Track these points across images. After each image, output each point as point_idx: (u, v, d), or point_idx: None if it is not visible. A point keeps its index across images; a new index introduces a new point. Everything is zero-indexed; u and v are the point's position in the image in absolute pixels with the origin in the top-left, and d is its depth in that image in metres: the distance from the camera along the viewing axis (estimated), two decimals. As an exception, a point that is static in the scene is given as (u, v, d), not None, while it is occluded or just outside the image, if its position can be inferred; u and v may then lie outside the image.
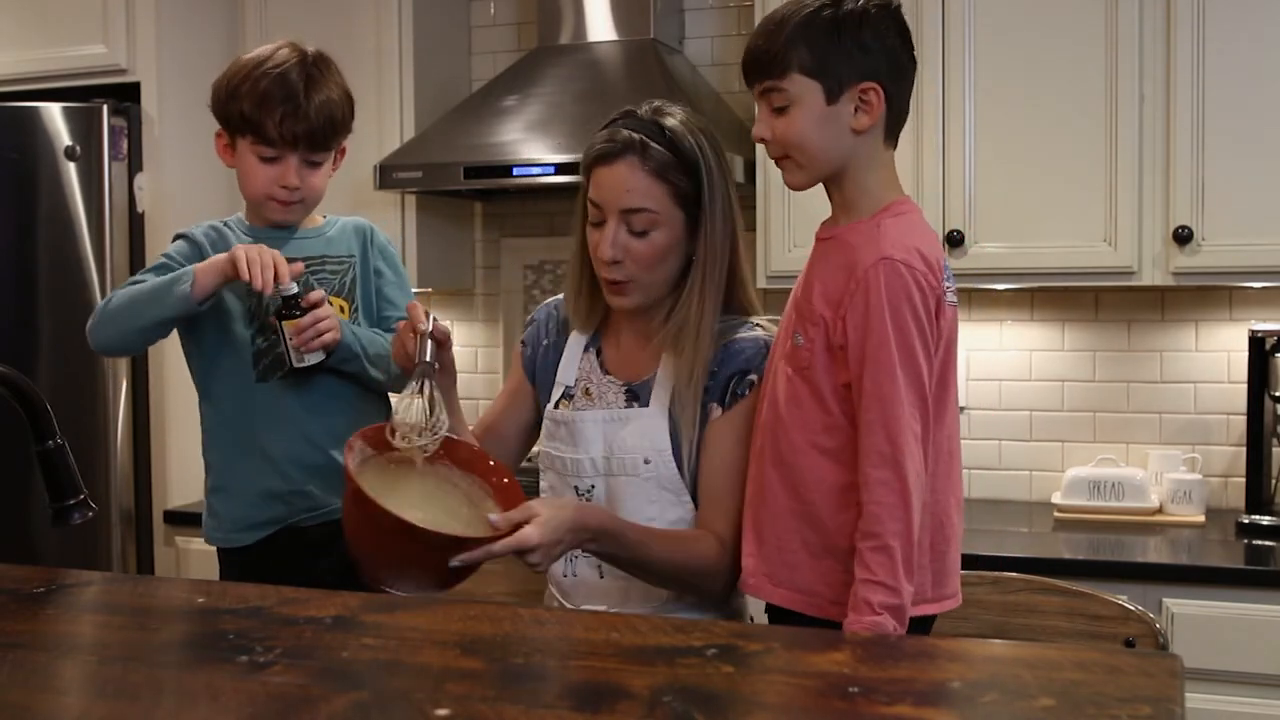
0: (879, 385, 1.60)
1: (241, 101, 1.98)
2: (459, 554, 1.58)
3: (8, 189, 3.21)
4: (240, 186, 2.06)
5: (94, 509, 1.64)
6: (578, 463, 1.86)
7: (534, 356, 1.99)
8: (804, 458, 1.68)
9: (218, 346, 2.02)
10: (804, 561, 1.68)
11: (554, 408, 1.92)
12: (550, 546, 1.65)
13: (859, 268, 1.63)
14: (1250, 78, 2.69)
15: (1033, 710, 1.04)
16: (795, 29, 1.65)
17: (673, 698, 1.07)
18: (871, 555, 1.58)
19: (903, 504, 1.58)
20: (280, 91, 1.97)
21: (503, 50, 3.65)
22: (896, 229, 1.65)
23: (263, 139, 1.98)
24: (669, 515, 1.83)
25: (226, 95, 2.01)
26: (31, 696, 1.15)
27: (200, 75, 3.41)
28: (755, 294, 1.91)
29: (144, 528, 3.27)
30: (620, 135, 1.80)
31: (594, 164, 1.83)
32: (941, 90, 2.88)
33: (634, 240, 1.79)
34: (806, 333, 1.68)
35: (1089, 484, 2.97)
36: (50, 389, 3.08)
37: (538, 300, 3.62)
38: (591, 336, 1.95)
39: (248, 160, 2.02)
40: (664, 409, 1.84)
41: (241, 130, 2.00)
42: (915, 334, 1.60)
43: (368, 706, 1.08)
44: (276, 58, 2.00)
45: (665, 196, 1.78)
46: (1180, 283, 2.80)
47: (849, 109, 1.66)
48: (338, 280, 2.07)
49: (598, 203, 1.81)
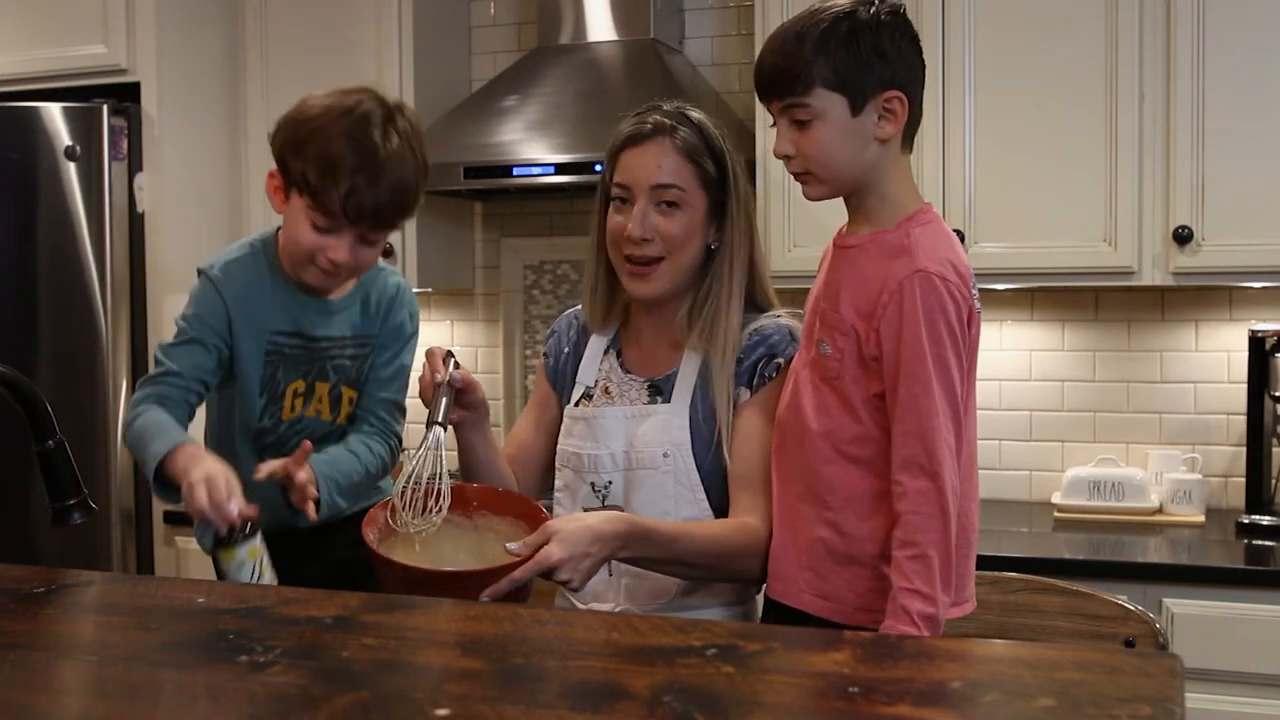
0: (915, 397, 1.61)
1: (306, 162, 1.76)
2: (485, 589, 1.60)
3: (8, 189, 3.21)
4: (283, 238, 1.88)
5: (94, 509, 1.64)
6: (596, 459, 1.87)
7: (555, 365, 2.01)
8: (831, 466, 1.69)
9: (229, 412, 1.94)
10: (829, 568, 1.69)
11: (573, 406, 1.94)
12: (577, 560, 1.64)
13: (892, 279, 1.63)
14: (1250, 78, 2.69)
15: (1033, 710, 1.04)
16: (815, 43, 1.63)
17: (673, 698, 1.07)
18: (910, 564, 1.59)
19: (940, 514, 1.59)
20: (351, 161, 1.74)
21: (503, 50, 3.65)
22: (927, 239, 1.66)
23: (321, 209, 1.78)
24: (683, 511, 1.83)
25: (291, 147, 1.78)
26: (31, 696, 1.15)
27: (200, 75, 3.45)
28: (773, 292, 1.94)
29: (144, 528, 3.27)
30: (650, 118, 1.86)
31: (624, 146, 1.86)
32: (941, 90, 2.88)
33: (662, 219, 1.83)
34: (835, 342, 1.68)
35: (1089, 484, 2.97)
36: (50, 389, 3.08)
37: (538, 300, 3.63)
38: (611, 339, 1.96)
39: (300, 219, 1.80)
40: (685, 405, 1.86)
41: (299, 189, 1.78)
42: (949, 346, 1.62)
43: (368, 706, 1.08)
44: (357, 114, 1.77)
45: (693, 177, 1.84)
46: (1180, 283, 2.80)
47: (873, 119, 1.66)
48: (351, 369, 1.95)
49: (626, 183, 1.85)
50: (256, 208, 3.46)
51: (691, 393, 1.86)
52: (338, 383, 1.95)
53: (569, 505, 1.92)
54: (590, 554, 1.66)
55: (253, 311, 1.88)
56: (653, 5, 3.27)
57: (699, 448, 1.84)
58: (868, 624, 1.65)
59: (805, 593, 1.71)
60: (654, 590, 1.84)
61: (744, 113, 3.30)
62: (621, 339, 1.96)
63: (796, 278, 1.95)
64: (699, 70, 3.44)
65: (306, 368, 1.92)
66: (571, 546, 1.64)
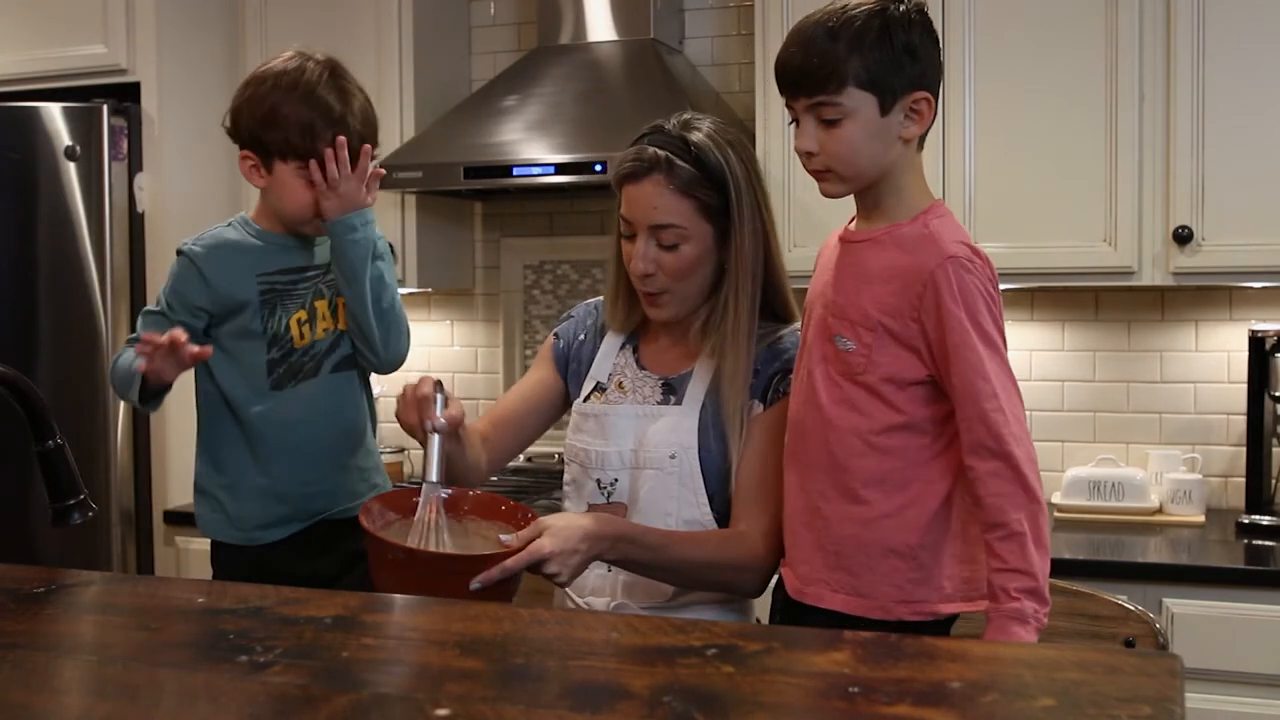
0: (969, 383, 1.61)
1: (284, 130, 1.92)
2: (476, 575, 1.64)
3: (8, 189, 3.21)
4: (274, 205, 2.01)
5: (94, 509, 1.64)
6: (604, 455, 1.88)
7: (566, 349, 2.02)
8: (862, 459, 1.68)
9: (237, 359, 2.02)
10: (863, 564, 1.68)
11: (584, 401, 1.94)
12: (566, 555, 1.68)
13: (923, 269, 1.64)
14: (1250, 78, 2.69)
15: (1033, 710, 1.04)
16: (849, 41, 1.62)
17: (673, 698, 1.07)
18: (1000, 545, 1.60)
19: (1019, 488, 1.60)
20: (324, 115, 1.92)
21: (503, 50, 3.65)
22: (947, 229, 1.67)
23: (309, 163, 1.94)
24: (685, 514, 1.83)
25: (259, 123, 1.94)
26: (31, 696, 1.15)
27: (200, 75, 3.45)
28: (794, 300, 1.92)
29: (144, 528, 3.27)
30: (646, 154, 1.82)
31: (622, 182, 1.85)
32: (942, 90, 2.87)
33: (664, 254, 1.83)
34: (859, 337, 1.68)
35: (1089, 484, 2.97)
36: (50, 389, 3.08)
37: (538, 300, 3.63)
38: (629, 335, 1.98)
39: (290, 183, 1.96)
40: (696, 407, 1.86)
41: (284, 155, 1.94)
42: (991, 322, 1.64)
43: (368, 706, 1.08)
44: (306, 77, 1.95)
45: (692, 212, 1.81)
46: (1180, 283, 2.80)
47: (899, 119, 1.66)
48: (333, 291, 2.06)
49: (628, 219, 1.85)
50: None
51: (703, 396, 1.86)
52: (332, 296, 2.04)
53: (575, 500, 1.92)
54: (580, 551, 1.69)
55: (233, 264, 2.00)
56: (653, 5, 3.26)
57: (706, 452, 1.84)
58: (908, 617, 1.66)
59: (839, 593, 1.70)
60: (651, 588, 1.84)
61: (744, 113, 3.30)
62: (640, 334, 1.97)
63: (797, 277, 1.94)
64: (699, 70, 3.44)
65: (302, 296, 2.02)
66: (564, 542, 1.67)
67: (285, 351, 2.01)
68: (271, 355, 2.01)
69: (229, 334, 2.01)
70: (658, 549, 1.76)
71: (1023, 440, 1.61)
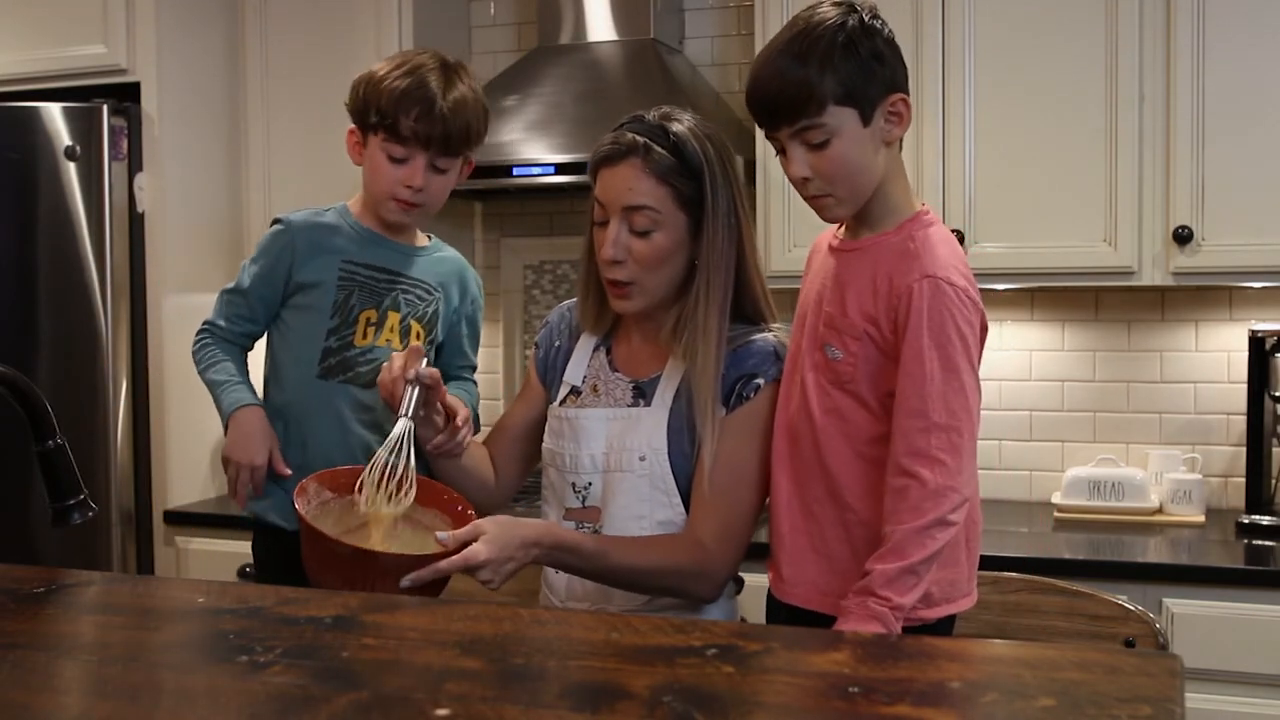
0: (905, 394, 1.62)
1: (380, 98, 1.99)
2: (408, 574, 1.65)
3: (8, 189, 3.21)
4: (365, 183, 2.08)
5: (94, 509, 1.64)
6: (577, 459, 1.87)
7: (545, 358, 2.02)
8: (851, 466, 1.69)
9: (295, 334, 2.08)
10: (854, 569, 1.68)
11: (559, 405, 1.94)
12: (499, 563, 1.68)
13: (901, 283, 1.64)
14: (1250, 78, 2.69)
15: (1033, 710, 1.04)
16: (819, 61, 1.62)
17: (673, 698, 1.07)
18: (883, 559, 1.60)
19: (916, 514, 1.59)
20: (418, 91, 1.98)
21: (503, 50, 3.65)
22: (931, 243, 1.67)
23: (395, 137, 2.00)
24: (658, 515, 1.83)
25: (363, 100, 2.02)
26: (31, 696, 1.15)
27: (200, 75, 3.45)
28: (767, 300, 1.90)
29: (144, 528, 3.27)
30: (625, 138, 1.81)
31: (599, 165, 1.85)
32: (941, 90, 2.88)
33: (636, 240, 1.81)
34: (847, 347, 1.68)
35: (1089, 484, 2.97)
36: (50, 389, 3.08)
37: (538, 300, 3.63)
38: (602, 337, 1.97)
39: (377, 158, 2.03)
40: (665, 409, 1.85)
41: (374, 127, 2.01)
42: (959, 349, 1.62)
43: (368, 706, 1.08)
44: (417, 60, 2.03)
45: (667, 198, 1.79)
46: (1180, 283, 2.80)
47: (881, 125, 1.66)
48: (421, 308, 2.10)
49: (602, 202, 1.84)
50: (256, 207, 3.46)
51: (672, 398, 1.85)
52: (407, 315, 2.08)
53: (554, 504, 1.93)
54: (514, 558, 1.70)
55: (323, 240, 2.07)
56: (653, 5, 3.26)
57: (675, 453, 1.83)
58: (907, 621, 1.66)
59: (829, 597, 1.70)
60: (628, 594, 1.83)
61: (743, 113, 3.28)
62: (613, 337, 1.97)
63: (797, 277, 1.94)
64: (699, 70, 3.44)
65: (380, 297, 2.07)
66: (500, 550, 1.68)
67: (344, 343, 2.05)
68: (329, 343, 2.04)
69: (297, 306, 2.06)
70: (595, 556, 1.76)
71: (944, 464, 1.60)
